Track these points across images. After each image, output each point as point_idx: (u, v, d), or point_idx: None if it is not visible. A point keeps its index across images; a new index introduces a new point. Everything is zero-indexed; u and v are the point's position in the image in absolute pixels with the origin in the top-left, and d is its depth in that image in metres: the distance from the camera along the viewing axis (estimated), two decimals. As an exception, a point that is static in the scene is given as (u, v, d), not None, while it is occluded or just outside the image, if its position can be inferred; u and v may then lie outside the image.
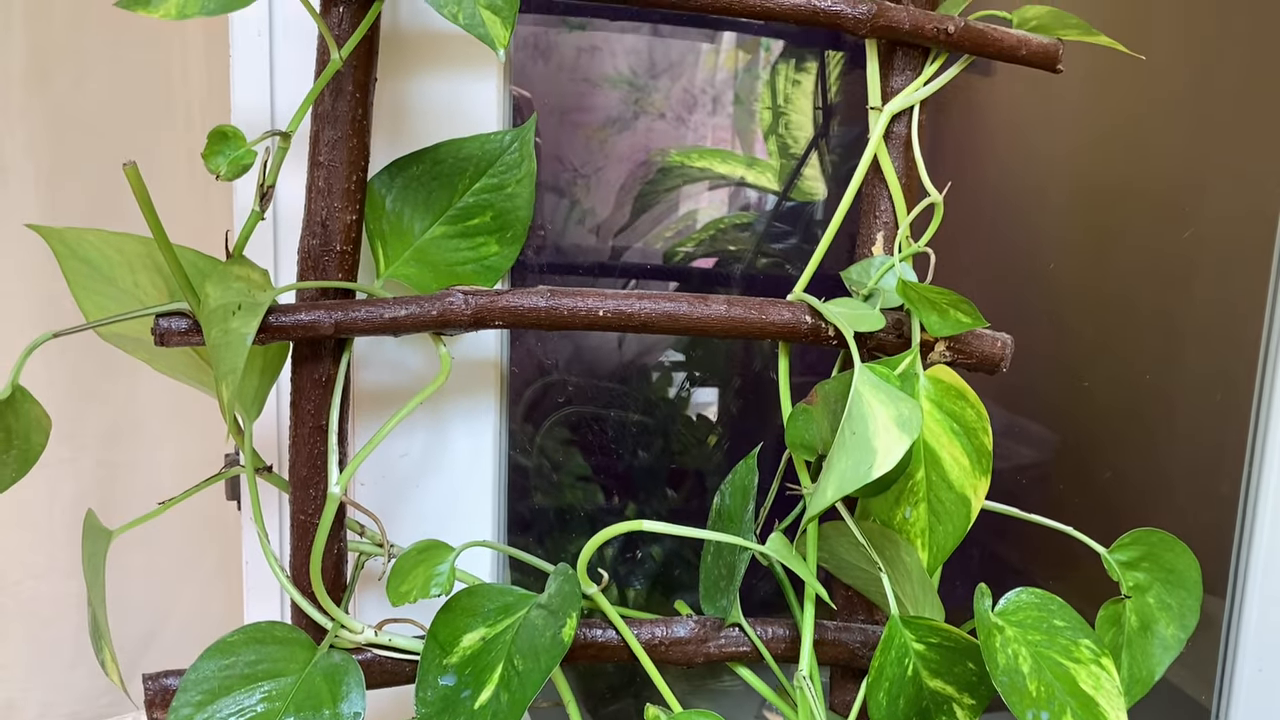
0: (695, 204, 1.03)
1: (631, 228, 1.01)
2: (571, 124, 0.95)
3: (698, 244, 1.05)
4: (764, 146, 1.00)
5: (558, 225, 0.95)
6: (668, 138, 1.00)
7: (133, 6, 0.49)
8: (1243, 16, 0.76)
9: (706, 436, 0.89)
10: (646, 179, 1.01)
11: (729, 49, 1.00)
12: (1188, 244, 0.77)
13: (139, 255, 0.56)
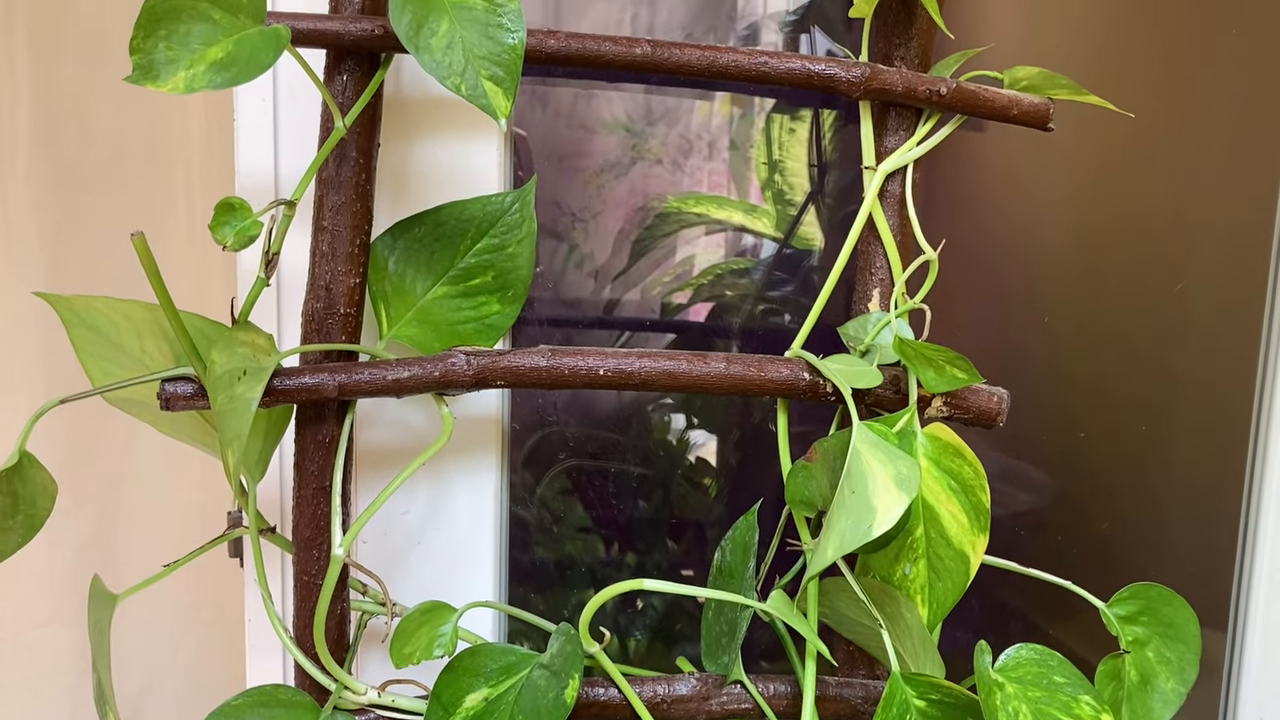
0: (692, 249, 1.04)
1: (629, 273, 1.02)
2: (569, 169, 0.96)
3: (695, 289, 1.06)
4: (759, 192, 1.02)
5: (556, 268, 0.96)
6: (664, 183, 1.01)
7: (141, 81, 0.50)
8: (1228, 69, 0.78)
9: (706, 487, 0.89)
10: (644, 224, 1.02)
11: (724, 95, 1.02)
12: (1180, 296, 0.78)
13: (145, 321, 0.56)
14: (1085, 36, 0.78)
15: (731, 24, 0.99)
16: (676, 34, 1.02)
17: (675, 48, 0.61)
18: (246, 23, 0.52)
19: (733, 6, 0.99)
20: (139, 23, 0.50)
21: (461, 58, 0.52)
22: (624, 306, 1.03)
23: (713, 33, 0.99)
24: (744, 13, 0.99)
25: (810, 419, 0.78)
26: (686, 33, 1.01)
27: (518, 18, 0.54)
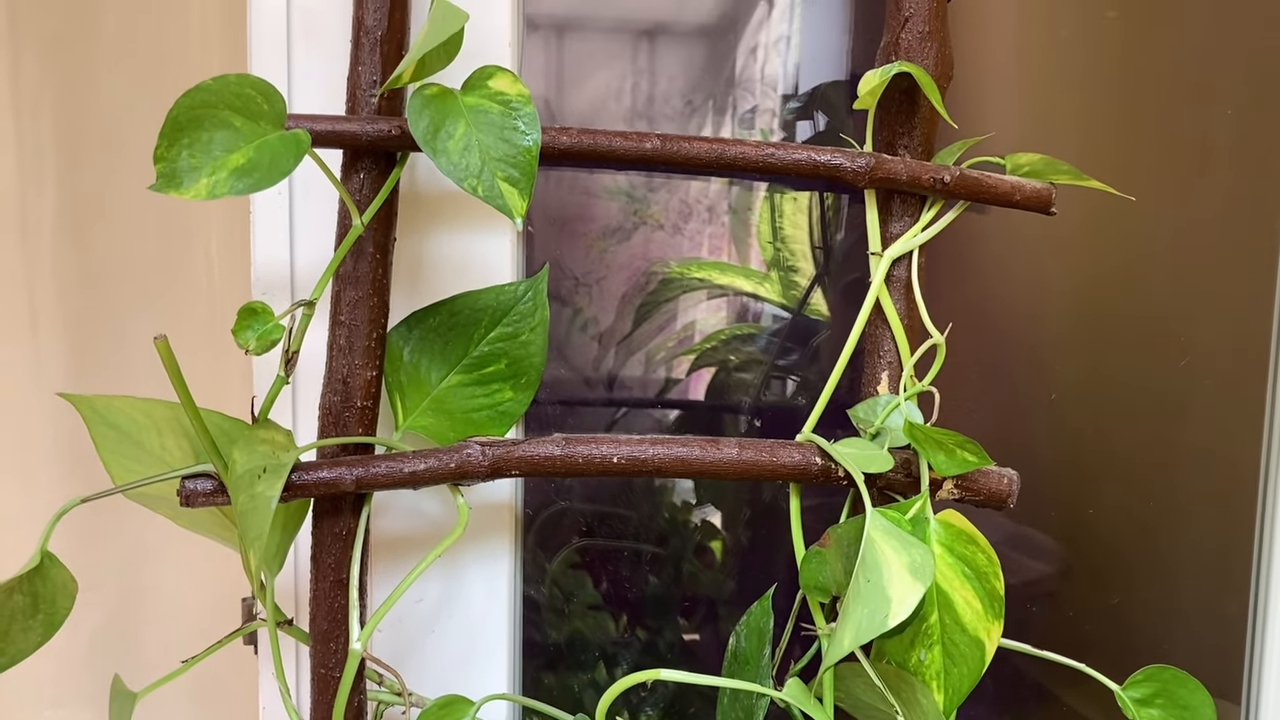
0: (694, 315, 1.05)
1: (632, 337, 1.03)
2: (571, 234, 0.98)
3: (699, 355, 1.06)
4: (759, 256, 1.03)
5: (559, 332, 0.97)
6: (666, 247, 1.02)
7: (165, 189, 0.51)
8: (1226, 148, 0.79)
9: (717, 563, 0.89)
10: (647, 289, 1.04)
11: None
12: (1184, 372, 0.79)
13: (165, 419, 0.57)
14: (1085, 120, 0.80)
15: (731, 90, 1.01)
16: (676, 101, 1.04)
17: (684, 141, 0.63)
18: (267, 129, 0.53)
19: (731, 73, 1.01)
20: (163, 132, 0.51)
21: (478, 160, 0.54)
22: (629, 369, 1.04)
23: (712, 100, 1.01)
24: (742, 79, 1.01)
25: (819, 491, 0.78)
26: (686, 99, 1.03)
27: (533, 120, 0.55)
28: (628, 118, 1.01)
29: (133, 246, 0.78)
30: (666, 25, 1.00)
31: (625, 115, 1.01)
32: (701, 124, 1.01)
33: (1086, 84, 0.80)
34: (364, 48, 0.59)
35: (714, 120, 1.02)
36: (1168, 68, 0.80)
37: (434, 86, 0.55)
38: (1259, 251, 0.79)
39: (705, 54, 1.02)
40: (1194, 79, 0.80)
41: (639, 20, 0.99)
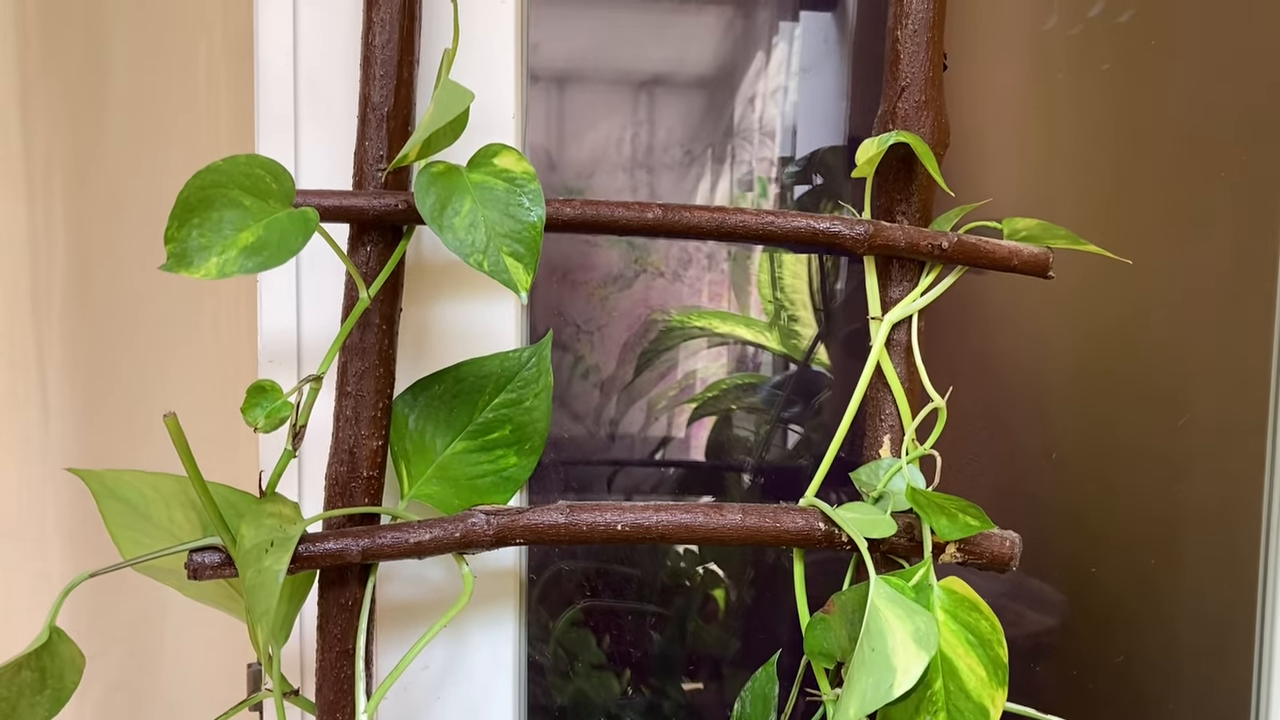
0: (696, 363, 1.06)
1: (633, 386, 1.03)
2: (572, 282, 0.98)
3: (701, 404, 1.07)
4: (759, 304, 1.04)
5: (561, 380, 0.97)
6: (666, 294, 1.03)
7: (175, 269, 0.52)
8: (1222, 210, 0.80)
9: (722, 622, 0.89)
10: (648, 337, 1.04)
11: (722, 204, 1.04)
12: (1184, 430, 0.79)
13: (173, 492, 0.57)
14: (1082, 183, 0.81)
15: (729, 139, 1.02)
16: (675, 151, 1.05)
17: (685, 210, 0.63)
18: (276, 207, 0.54)
19: (730, 123, 1.02)
20: (173, 213, 0.52)
21: (484, 236, 0.55)
22: (630, 417, 1.04)
23: (711, 149, 1.02)
24: (740, 128, 1.03)
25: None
26: (685, 149, 1.04)
27: (538, 196, 0.56)
28: (627, 167, 1.02)
29: (141, 311, 0.79)
30: (665, 77, 1.02)
31: (625, 165, 1.02)
32: (700, 173, 1.03)
33: (1082, 147, 0.81)
34: (371, 124, 0.60)
35: (713, 169, 1.03)
36: (1162, 133, 0.81)
37: (440, 164, 0.56)
38: (1256, 310, 0.80)
39: (704, 105, 1.03)
40: (1189, 143, 0.81)
41: (638, 72, 1.01)
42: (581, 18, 0.97)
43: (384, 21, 0.59)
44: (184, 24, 0.79)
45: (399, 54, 0.59)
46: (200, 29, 0.78)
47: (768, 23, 1.01)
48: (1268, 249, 0.80)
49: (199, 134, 0.79)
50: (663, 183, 1.03)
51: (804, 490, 0.66)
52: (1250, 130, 0.82)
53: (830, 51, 0.97)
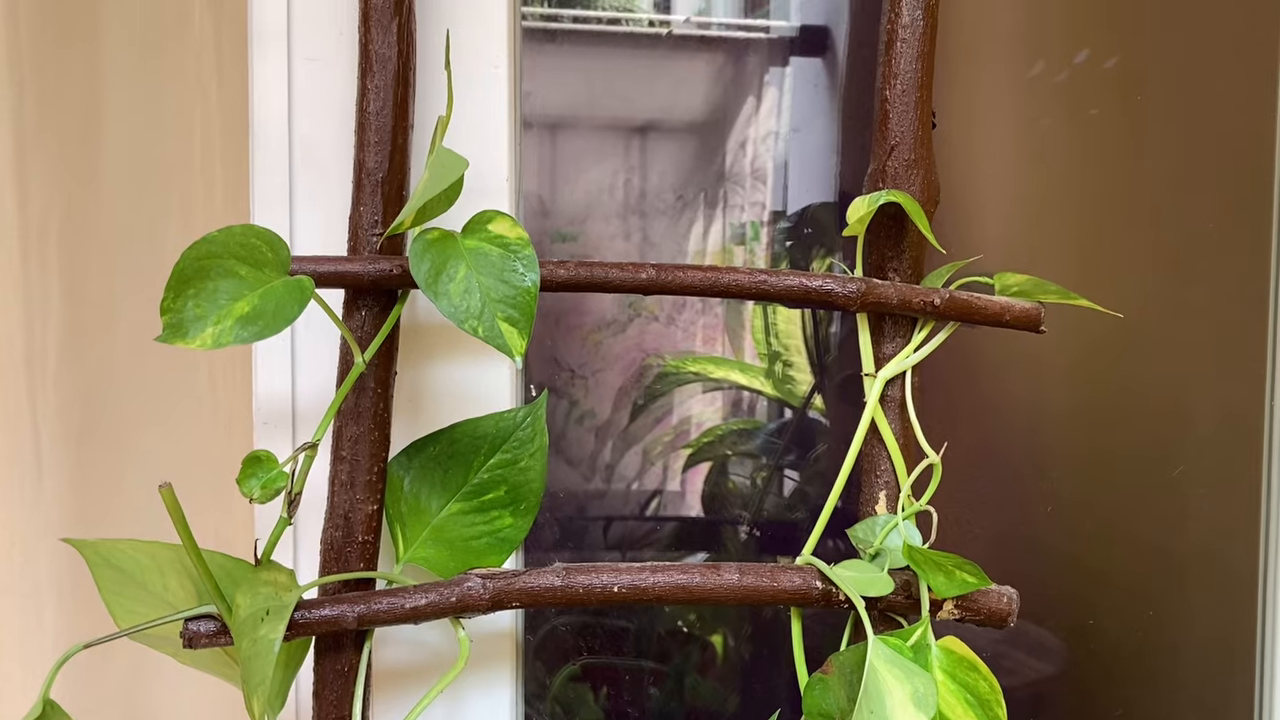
0: (691, 409, 1.06)
1: (629, 431, 1.03)
2: (567, 326, 0.99)
3: (696, 450, 1.07)
4: (754, 348, 1.04)
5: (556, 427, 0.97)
6: (660, 338, 1.03)
7: (171, 340, 0.52)
8: (1213, 260, 0.81)
9: (719, 676, 0.89)
10: (643, 382, 1.04)
11: (715, 249, 1.05)
12: (1179, 480, 0.79)
13: (169, 560, 0.57)
14: (1071, 229, 0.81)
15: (721, 184, 1.03)
16: (667, 195, 1.06)
17: (679, 270, 0.64)
18: (271, 275, 0.54)
19: (721, 167, 1.03)
20: (169, 284, 0.52)
21: (479, 302, 0.55)
22: (626, 462, 1.04)
23: (703, 193, 1.03)
24: (732, 173, 1.03)
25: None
26: (677, 194, 1.05)
27: (532, 261, 0.56)
28: (620, 213, 1.03)
29: (136, 371, 0.79)
30: (657, 123, 1.03)
31: (618, 210, 1.03)
32: (693, 218, 1.03)
33: (1071, 194, 0.82)
34: (366, 189, 0.60)
35: (705, 214, 1.04)
36: (1149, 180, 0.82)
37: (435, 231, 0.56)
38: (1248, 358, 0.80)
39: (696, 150, 1.04)
40: (1175, 190, 0.82)
41: (631, 118, 1.02)
42: (573, 65, 0.98)
43: (378, 89, 0.60)
44: (180, 85, 0.80)
45: (393, 120, 0.60)
46: (196, 92, 0.79)
47: (758, 69, 1.02)
48: (1258, 296, 0.81)
49: (195, 194, 0.80)
50: (655, 228, 1.04)
51: (801, 539, 0.66)
52: (1236, 177, 0.83)
53: (820, 99, 0.98)
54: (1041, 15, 0.85)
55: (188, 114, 0.79)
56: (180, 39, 0.81)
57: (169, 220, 0.79)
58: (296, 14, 0.65)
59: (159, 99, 0.80)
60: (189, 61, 0.80)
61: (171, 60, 0.81)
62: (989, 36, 0.86)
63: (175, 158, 0.79)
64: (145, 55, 0.81)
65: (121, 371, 0.79)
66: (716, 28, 1.04)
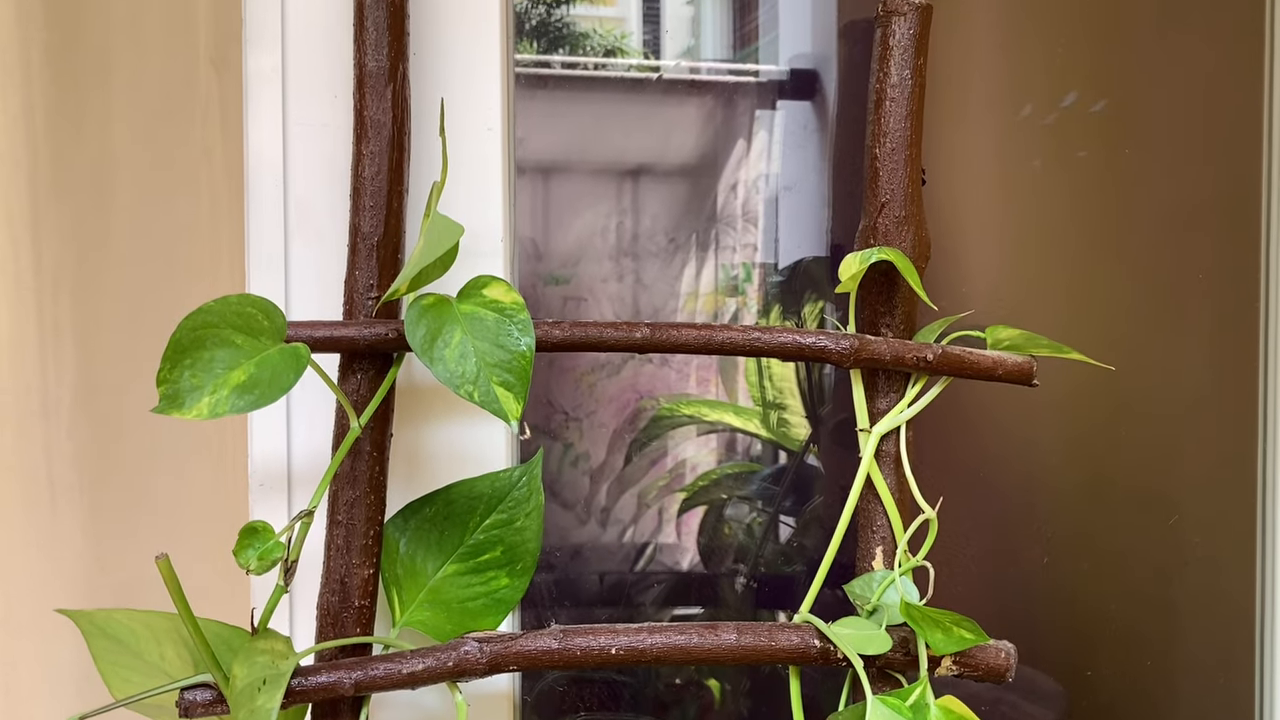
0: (685, 452, 1.06)
1: (623, 475, 1.03)
2: (560, 369, 0.99)
3: (691, 494, 1.07)
4: (747, 389, 1.04)
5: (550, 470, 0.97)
6: (654, 379, 1.03)
7: (167, 411, 0.52)
8: (1200, 309, 0.82)
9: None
10: (638, 425, 1.04)
11: (707, 291, 1.06)
12: (1173, 530, 0.80)
13: (165, 630, 0.57)
14: (1060, 272, 0.82)
15: (713, 224, 1.03)
16: (660, 238, 1.06)
17: (673, 329, 0.64)
18: (267, 343, 0.54)
19: (713, 210, 1.04)
20: (165, 355, 0.52)
21: (474, 367, 0.55)
22: (621, 506, 1.04)
23: (695, 235, 1.04)
24: (723, 215, 1.04)
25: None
26: (669, 237, 1.05)
27: (527, 326, 0.56)
28: (612, 255, 1.04)
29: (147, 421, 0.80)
30: (649, 166, 1.04)
31: (610, 252, 1.04)
32: (685, 259, 1.04)
33: (1060, 236, 0.82)
34: (361, 253, 0.61)
35: (697, 255, 1.04)
36: (1137, 224, 0.83)
37: (430, 296, 0.56)
38: (1239, 404, 0.81)
39: (687, 192, 1.05)
40: (1164, 233, 0.83)
41: (622, 162, 1.02)
42: (565, 110, 0.99)
43: (373, 155, 0.60)
44: (186, 147, 0.81)
45: (388, 185, 0.60)
46: (201, 153, 0.80)
47: (748, 112, 1.03)
48: (1246, 348, 0.81)
49: (201, 254, 0.81)
50: (648, 270, 1.05)
51: (798, 589, 0.66)
52: (1224, 219, 0.83)
53: (810, 141, 0.99)
54: (1028, 59, 0.86)
55: (194, 175, 0.81)
56: (187, 101, 0.82)
57: (177, 279, 0.81)
58: (291, 78, 0.66)
59: (167, 160, 0.81)
60: (195, 124, 0.82)
61: (179, 122, 0.82)
62: (976, 82, 0.87)
63: (183, 218, 0.81)
64: (154, 117, 0.82)
65: (133, 423, 0.79)
66: (706, 72, 1.06)
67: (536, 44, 1.01)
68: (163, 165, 0.81)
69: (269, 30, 0.65)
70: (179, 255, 0.80)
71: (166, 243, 0.81)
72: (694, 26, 1.06)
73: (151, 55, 0.82)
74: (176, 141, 0.81)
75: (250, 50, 0.66)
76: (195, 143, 0.81)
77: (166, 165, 0.81)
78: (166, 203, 0.81)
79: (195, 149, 0.81)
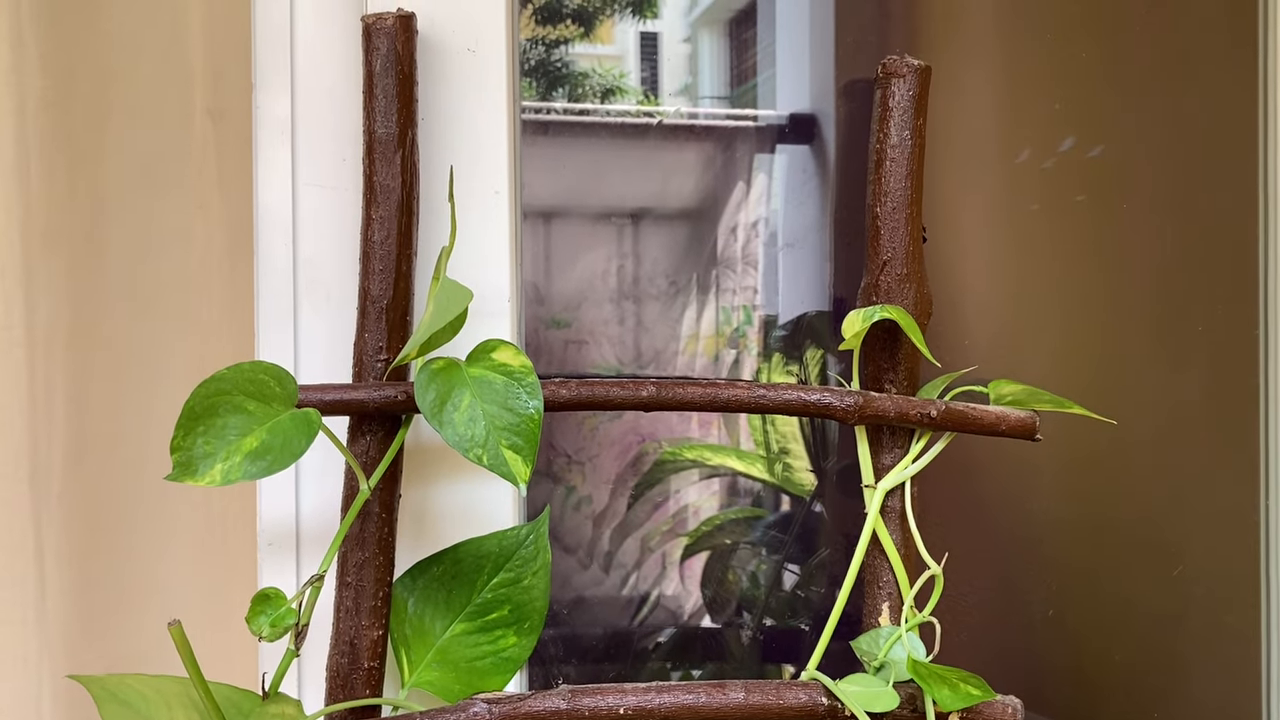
0: (688, 497, 1.06)
1: (626, 520, 1.03)
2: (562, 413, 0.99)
3: (695, 540, 1.07)
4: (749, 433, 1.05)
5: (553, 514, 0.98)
6: (657, 423, 1.04)
7: (181, 478, 0.53)
8: (1199, 363, 0.82)
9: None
10: (641, 470, 1.05)
11: (710, 334, 1.06)
12: (1178, 580, 0.80)
13: (175, 694, 0.57)
14: (1063, 330, 0.83)
15: (713, 266, 1.04)
16: (660, 281, 1.07)
17: (679, 386, 0.65)
18: (279, 409, 0.55)
19: (713, 252, 1.05)
20: (180, 422, 0.53)
21: (483, 430, 0.56)
22: (624, 551, 1.04)
23: (695, 277, 1.04)
24: (724, 258, 1.05)
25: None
26: (670, 280, 1.06)
27: (535, 389, 0.57)
28: (613, 298, 1.04)
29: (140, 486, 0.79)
30: (649, 210, 1.05)
31: (611, 295, 1.04)
32: (686, 302, 1.05)
33: (1061, 297, 0.83)
34: (370, 315, 0.61)
35: (698, 298, 1.05)
36: (1136, 269, 0.84)
37: (440, 360, 0.57)
38: (1241, 459, 0.81)
39: (687, 236, 1.06)
40: (1162, 277, 0.83)
41: (622, 206, 1.03)
42: (566, 155, 1.00)
43: (382, 219, 0.61)
44: (181, 199, 0.81)
45: (397, 249, 0.61)
46: (197, 206, 0.80)
47: (747, 156, 1.04)
48: (1247, 391, 0.82)
49: (197, 309, 0.81)
50: (649, 312, 1.05)
51: (804, 641, 0.66)
52: (1222, 264, 0.84)
53: (810, 184, 0.99)
54: (1027, 105, 0.87)
55: (188, 228, 0.80)
56: (183, 152, 0.82)
57: (171, 334, 0.80)
58: (300, 141, 0.67)
59: (161, 213, 0.81)
60: (191, 176, 0.81)
61: (175, 174, 0.82)
62: (975, 129, 0.88)
63: (177, 272, 0.80)
64: (149, 169, 0.82)
65: (126, 486, 0.79)
66: (705, 117, 1.07)
67: (536, 84, 1.02)
68: (158, 218, 0.81)
69: (279, 93, 0.66)
70: (173, 310, 0.80)
71: (160, 298, 0.80)
72: (691, 64, 1.07)
73: (147, 105, 0.82)
74: (172, 193, 0.80)
75: (260, 112, 0.67)
76: (191, 195, 0.81)
77: (162, 218, 0.81)
78: (161, 256, 0.80)
79: (191, 201, 0.81)
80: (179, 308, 0.80)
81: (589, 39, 1.05)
